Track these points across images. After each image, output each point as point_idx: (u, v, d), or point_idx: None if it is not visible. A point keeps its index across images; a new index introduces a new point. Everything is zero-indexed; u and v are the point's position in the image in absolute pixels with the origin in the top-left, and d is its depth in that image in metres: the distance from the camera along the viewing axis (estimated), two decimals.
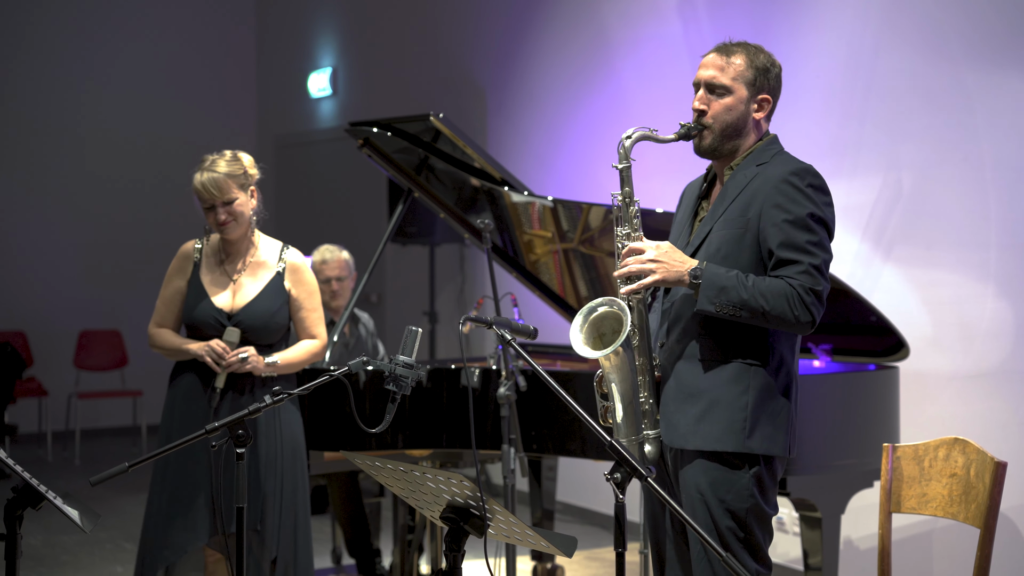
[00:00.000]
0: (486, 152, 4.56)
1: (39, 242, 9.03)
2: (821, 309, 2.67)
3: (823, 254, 2.68)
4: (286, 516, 3.62)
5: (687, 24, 5.60)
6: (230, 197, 3.58)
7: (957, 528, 4.24)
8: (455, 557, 2.31)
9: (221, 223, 3.60)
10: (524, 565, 5.09)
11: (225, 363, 3.54)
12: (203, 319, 3.63)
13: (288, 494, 3.63)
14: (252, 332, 3.63)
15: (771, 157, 2.79)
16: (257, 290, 3.67)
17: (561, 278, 4.79)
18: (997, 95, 4.30)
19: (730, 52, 2.80)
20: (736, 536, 2.70)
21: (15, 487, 2.54)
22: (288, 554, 3.62)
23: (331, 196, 8.85)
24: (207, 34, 9.71)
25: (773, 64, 2.82)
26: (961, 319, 4.43)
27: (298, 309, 3.72)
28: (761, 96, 2.80)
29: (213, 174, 3.57)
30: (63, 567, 5.45)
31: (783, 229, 2.68)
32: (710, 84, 2.79)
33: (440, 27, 7.73)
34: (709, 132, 2.79)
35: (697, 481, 2.72)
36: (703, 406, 2.72)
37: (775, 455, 2.74)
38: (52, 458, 8.23)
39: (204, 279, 3.69)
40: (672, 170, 4.55)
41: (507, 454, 3.71)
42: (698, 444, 2.71)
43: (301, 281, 3.73)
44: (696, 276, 2.67)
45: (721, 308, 2.65)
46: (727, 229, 2.74)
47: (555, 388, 2.41)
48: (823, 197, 2.73)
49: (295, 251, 3.78)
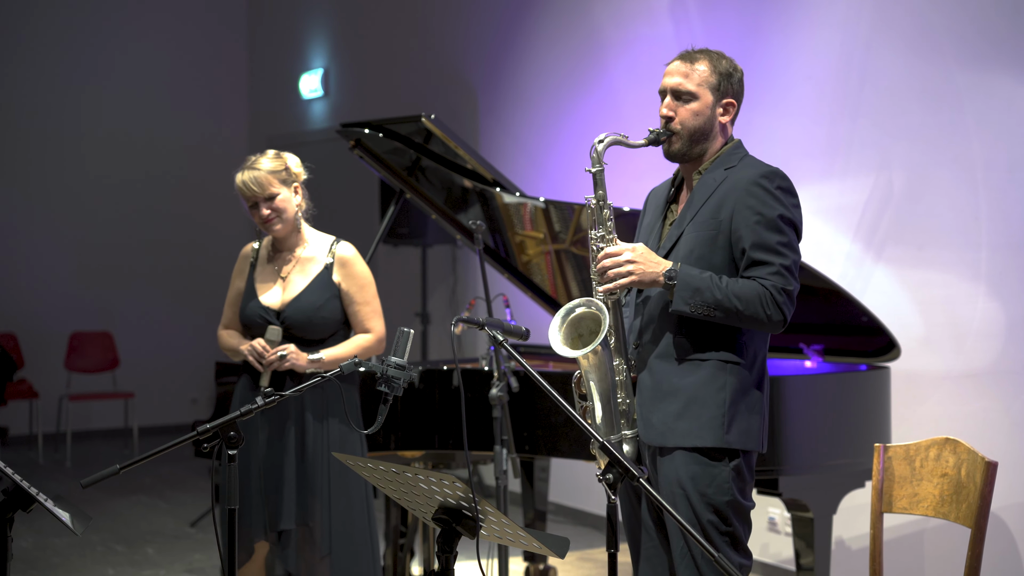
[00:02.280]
0: (478, 153, 4.56)
1: (30, 244, 9.01)
2: (792, 308, 2.74)
3: (793, 255, 2.76)
4: (336, 513, 3.59)
5: (679, 25, 5.61)
6: (271, 192, 3.60)
7: (948, 528, 4.25)
8: (447, 558, 2.31)
9: (265, 220, 3.62)
10: (516, 566, 5.09)
11: (266, 361, 3.55)
12: (251, 317, 3.66)
13: (338, 491, 3.60)
14: (297, 328, 3.62)
15: (739, 161, 2.86)
16: (304, 285, 3.66)
17: (553, 279, 4.79)
18: (988, 95, 4.31)
19: (694, 59, 2.88)
20: (718, 529, 2.75)
21: (5, 489, 2.53)
22: (344, 552, 3.59)
23: (323, 197, 8.82)
24: (199, 35, 9.69)
25: (735, 69, 2.90)
26: (952, 319, 4.44)
27: (350, 303, 3.69)
28: (726, 100, 2.88)
29: (254, 171, 3.59)
30: (54, 569, 5.43)
31: (755, 230, 2.74)
32: (676, 91, 2.86)
33: (432, 28, 7.73)
34: (677, 137, 2.86)
35: (678, 476, 2.76)
36: (681, 403, 2.77)
37: (751, 449, 2.80)
38: (43, 460, 8.20)
39: (257, 278, 3.71)
40: (666, 170, 4.54)
41: (499, 455, 3.71)
42: (677, 441, 2.76)
43: (352, 274, 3.70)
44: (671, 277, 2.73)
45: (696, 308, 2.72)
46: (698, 231, 2.81)
47: (547, 389, 2.41)
48: (791, 199, 2.79)
49: (347, 244, 3.76)
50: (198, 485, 7.29)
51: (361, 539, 3.64)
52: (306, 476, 3.59)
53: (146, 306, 9.37)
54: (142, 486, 7.28)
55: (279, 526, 3.57)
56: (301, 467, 3.59)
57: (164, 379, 9.32)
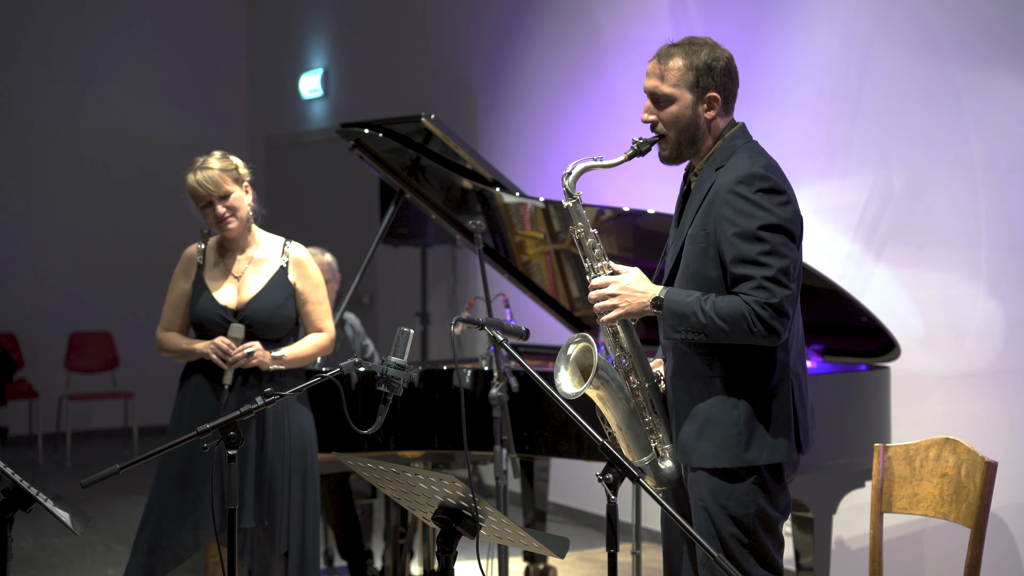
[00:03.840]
0: (477, 153, 4.56)
1: (30, 243, 9.01)
2: (783, 319, 2.59)
3: (778, 261, 2.59)
4: (295, 511, 3.63)
5: (678, 25, 5.61)
6: (225, 191, 3.61)
7: (948, 528, 4.25)
8: (447, 558, 2.31)
9: (220, 219, 3.62)
10: (516, 566, 5.08)
11: (231, 359, 3.56)
12: (208, 316, 3.66)
13: (297, 490, 3.64)
14: (258, 327, 3.64)
15: (728, 158, 2.71)
16: (261, 285, 3.68)
17: (553, 279, 4.79)
18: (988, 95, 4.31)
19: (668, 56, 2.72)
20: (740, 542, 2.66)
21: (5, 489, 2.53)
22: (299, 550, 3.63)
23: (323, 197, 8.83)
24: (199, 36, 9.69)
25: (716, 58, 2.70)
26: (952, 319, 4.44)
27: (304, 303, 3.73)
28: (709, 95, 2.71)
29: (207, 171, 3.60)
30: (54, 569, 5.44)
31: (733, 244, 2.62)
32: (652, 95, 2.74)
33: (431, 28, 7.73)
34: (666, 141, 2.75)
35: (700, 491, 2.71)
36: (699, 424, 2.70)
37: (777, 462, 2.69)
38: (43, 460, 8.20)
39: (208, 278, 3.72)
40: (667, 170, 4.54)
41: (499, 455, 3.72)
42: (699, 462, 2.69)
43: (306, 275, 3.74)
44: (657, 306, 2.67)
45: (686, 335, 2.65)
46: (693, 244, 2.72)
47: (547, 389, 2.41)
48: (775, 198, 2.62)
49: (298, 245, 3.79)
50: None
51: (313, 539, 3.69)
52: (265, 475, 3.61)
53: (146, 306, 9.33)
54: (142, 486, 7.25)
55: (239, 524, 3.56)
56: (261, 466, 3.61)
57: (164, 379, 9.26)
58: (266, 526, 3.61)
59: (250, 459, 3.60)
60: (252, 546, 3.61)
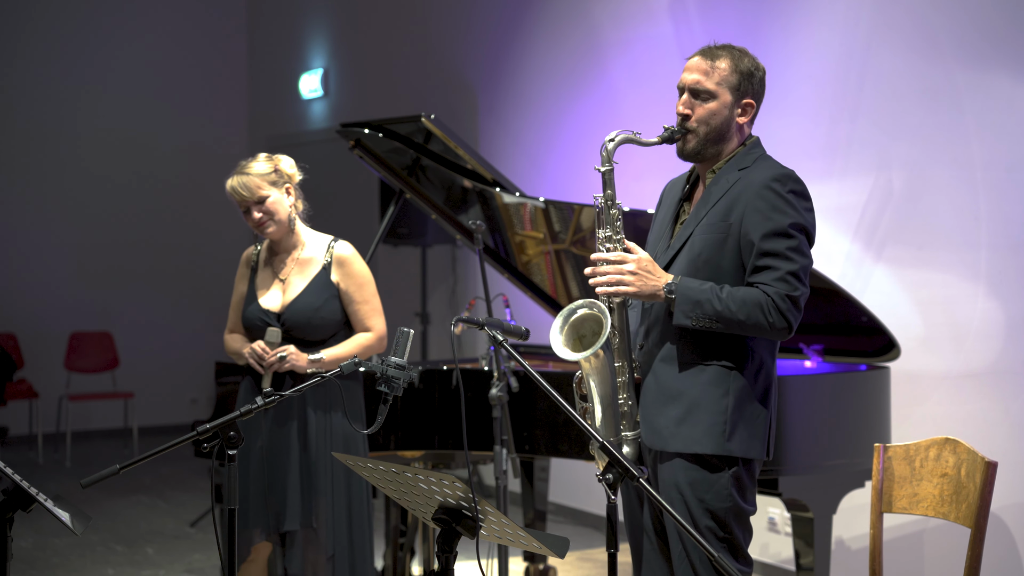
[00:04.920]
0: (477, 153, 4.56)
1: (30, 244, 9.01)
2: (798, 315, 2.69)
3: (801, 259, 2.69)
4: (339, 513, 3.60)
5: (678, 25, 5.61)
6: (260, 196, 3.59)
7: (948, 528, 4.25)
8: (447, 558, 2.31)
9: (258, 223, 3.61)
10: (516, 566, 5.09)
11: (266, 363, 3.55)
12: (251, 320, 3.66)
13: (341, 491, 3.60)
14: (297, 329, 3.62)
15: (753, 161, 2.79)
16: (302, 287, 3.66)
17: (553, 279, 4.79)
18: (988, 95, 4.31)
19: (715, 56, 2.79)
20: (716, 535, 2.72)
21: (5, 489, 2.53)
22: (344, 551, 3.60)
23: (322, 197, 8.82)
24: (198, 35, 9.69)
25: (757, 68, 2.82)
26: (952, 319, 4.44)
27: (349, 302, 3.68)
28: (745, 100, 2.80)
29: (242, 176, 3.59)
30: (54, 570, 5.43)
31: (763, 235, 2.69)
32: (694, 89, 2.78)
33: (431, 28, 7.73)
34: (693, 136, 2.79)
35: (676, 480, 2.74)
36: (683, 408, 2.73)
37: (753, 457, 2.75)
38: (43, 460, 8.20)
39: (258, 281, 3.72)
40: (666, 170, 4.54)
41: (499, 455, 3.71)
42: (678, 447, 2.73)
43: (350, 273, 3.69)
44: (671, 291, 2.70)
45: (698, 321, 2.68)
46: (709, 233, 2.75)
47: (547, 389, 2.41)
48: (804, 203, 2.73)
49: (344, 243, 3.75)
50: (198, 485, 7.29)
51: (361, 538, 3.64)
52: (310, 476, 3.58)
53: (146, 306, 9.37)
54: (142, 486, 7.28)
55: (283, 527, 3.56)
56: (304, 468, 3.58)
57: (164, 379, 9.32)
58: (312, 529, 3.57)
59: (293, 461, 3.57)
60: (299, 549, 3.57)
